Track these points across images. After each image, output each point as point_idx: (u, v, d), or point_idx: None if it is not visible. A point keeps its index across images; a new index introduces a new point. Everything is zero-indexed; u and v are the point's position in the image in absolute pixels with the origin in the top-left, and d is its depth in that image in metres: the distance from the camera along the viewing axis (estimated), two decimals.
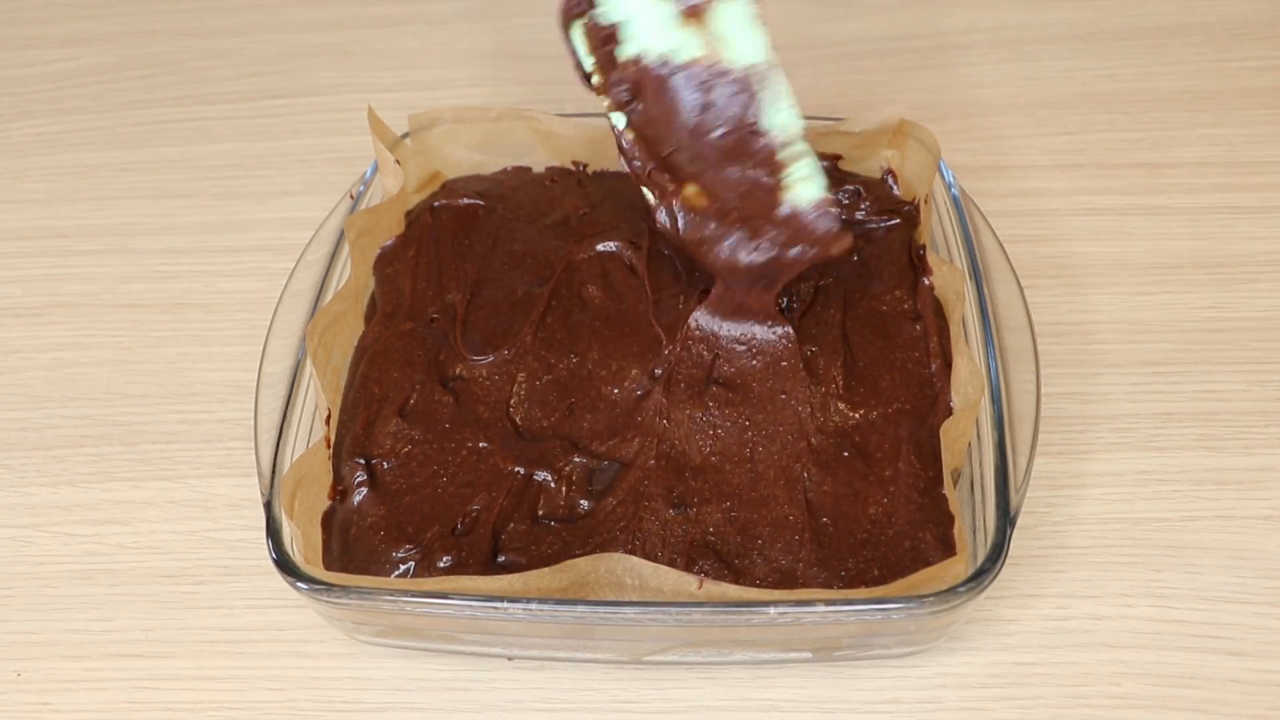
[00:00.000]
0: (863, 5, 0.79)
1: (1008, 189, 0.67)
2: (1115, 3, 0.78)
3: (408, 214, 0.61)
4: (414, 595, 0.44)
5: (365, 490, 0.50)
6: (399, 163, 0.59)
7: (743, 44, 0.48)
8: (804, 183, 0.50)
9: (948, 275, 0.54)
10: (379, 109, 0.59)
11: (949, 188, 0.56)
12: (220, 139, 0.74)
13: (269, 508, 0.46)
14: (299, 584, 0.44)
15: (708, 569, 0.47)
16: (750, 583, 0.46)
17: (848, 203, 0.59)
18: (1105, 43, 0.76)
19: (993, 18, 0.78)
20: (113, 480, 0.57)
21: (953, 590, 0.42)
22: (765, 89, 0.49)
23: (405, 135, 0.61)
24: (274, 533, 0.46)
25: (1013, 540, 0.44)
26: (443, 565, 0.48)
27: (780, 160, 0.50)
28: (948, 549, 0.47)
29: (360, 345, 0.56)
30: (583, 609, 0.43)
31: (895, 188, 0.61)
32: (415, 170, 0.62)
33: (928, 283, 0.56)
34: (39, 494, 0.57)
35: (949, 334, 0.54)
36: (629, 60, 0.49)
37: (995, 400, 0.48)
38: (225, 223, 0.69)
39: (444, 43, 0.80)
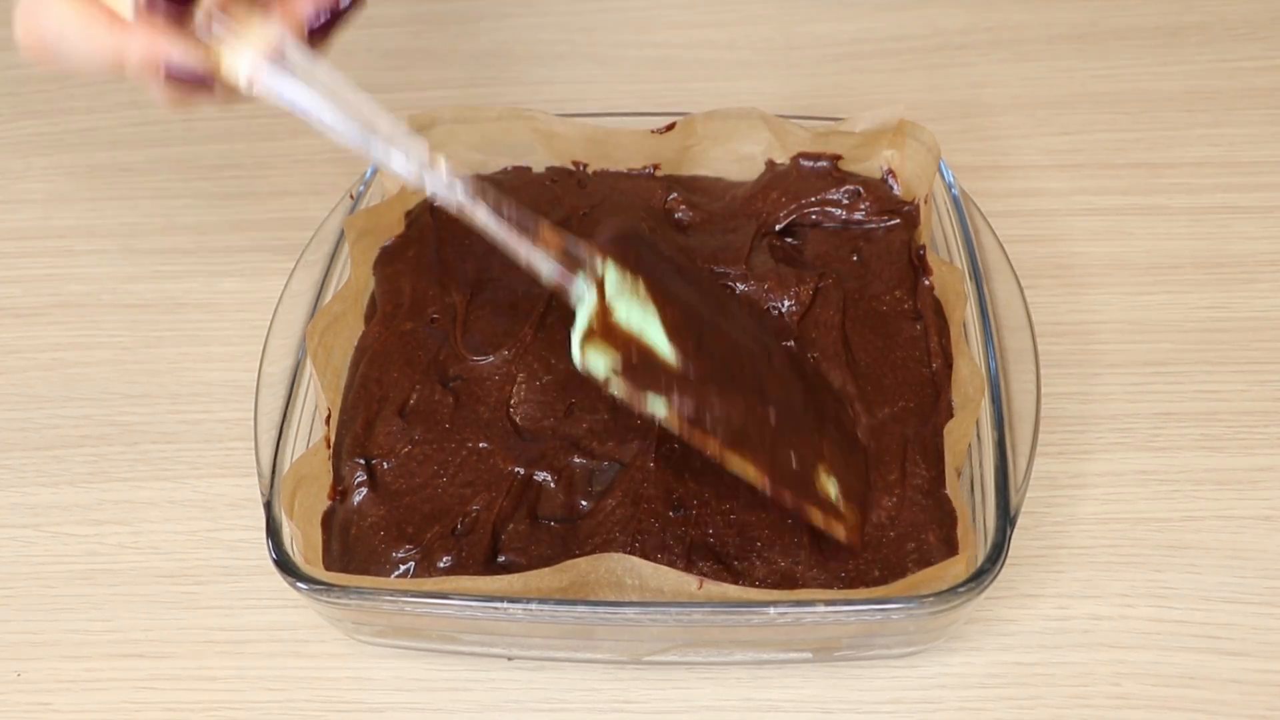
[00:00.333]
0: (863, 5, 0.79)
1: (1008, 189, 0.67)
2: (1115, 3, 0.78)
3: (408, 214, 0.61)
4: (414, 595, 0.44)
5: (365, 490, 0.50)
6: None
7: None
8: None
9: (948, 275, 0.54)
10: None
11: (949, 188, 0.56)
12: (220, 139, 0.74)
13: (269, 508, 0.46)
14: (299, 584, 0.44)
15: (707, 570, 0.47)
16: (750, 584, 0.46)
17: (848, 203, 0.59)
18: (1105, 43, 0.76)
19: (992, 18, 0.78)
20: (113, 480, 0.57)
21: (952, 590, 0.42)
22: None
23: None
24: (274, 533, 0.46)
25: (1013, 540, 0.44)
26: (443, 565, 0.48)
27: None
28: (951, 549, 0.47)
29: (360, 345, 0.56)
30: (582, 609, 0.43)
31: (895, 188, 0.61)
32: None
33: (928, 283, 0.56)
34: (39, 494, 0.57)
35: (949, 334, 0.54)
36: None
37: (995, 400, 0.48)
38: (225, 223, 0.69)
39: (444, 43, 0.80)
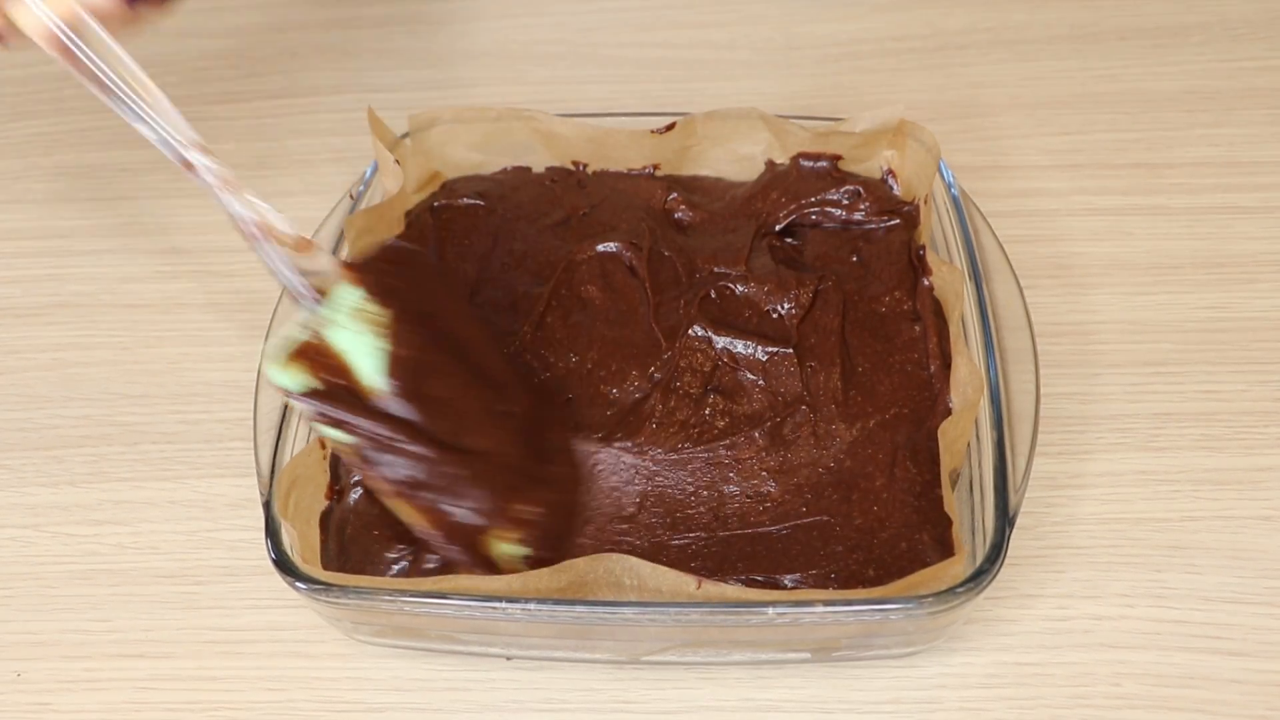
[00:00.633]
0: (863, 5, 0.79)
1: (1008, 189, 0.67)
2: (1115, 3, 0.78)
3: (408, 214, 0.61)
4: (412, 595, 0.44)
5: (361, 490, 0.50)
6: (399, 163, 0.59)
7: None
8: None
9: (947, 275, 0.54)
10: (379, 109, 0.59)
11: (949, 188, 0.56)
12: (220, 139, 0.74)
13: (268, 508, 0.46)
14: (298, 584, 0.44)
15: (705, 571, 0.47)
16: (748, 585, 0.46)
17: (848, 203, 0.59)
18: (1105, 43, 0.76)
19: (993, 18, 0.78)
20: (113, 480, 0.57)
21: (951, 591, 0.42)
22: None
23: (405, 135, 0.61)
24: (273, 533, 0.46)
25: (1012, 540, 0.44)
26: (429, 566, 0.48)
27: None
28: (945, 551, 0.47)
29: None
30: (581, 609, 0.43)
31: (895, 188, 0.60)
32: (415, 170, 0.62)
33: (927, 283, 0.56)
34: (39, 494, 0.57)
35: (949, 334, 0.54)
36: None
37: (995, 400, 0.48)
38: (225, 223, 0.69)
39: (444, 43, 0.80)
